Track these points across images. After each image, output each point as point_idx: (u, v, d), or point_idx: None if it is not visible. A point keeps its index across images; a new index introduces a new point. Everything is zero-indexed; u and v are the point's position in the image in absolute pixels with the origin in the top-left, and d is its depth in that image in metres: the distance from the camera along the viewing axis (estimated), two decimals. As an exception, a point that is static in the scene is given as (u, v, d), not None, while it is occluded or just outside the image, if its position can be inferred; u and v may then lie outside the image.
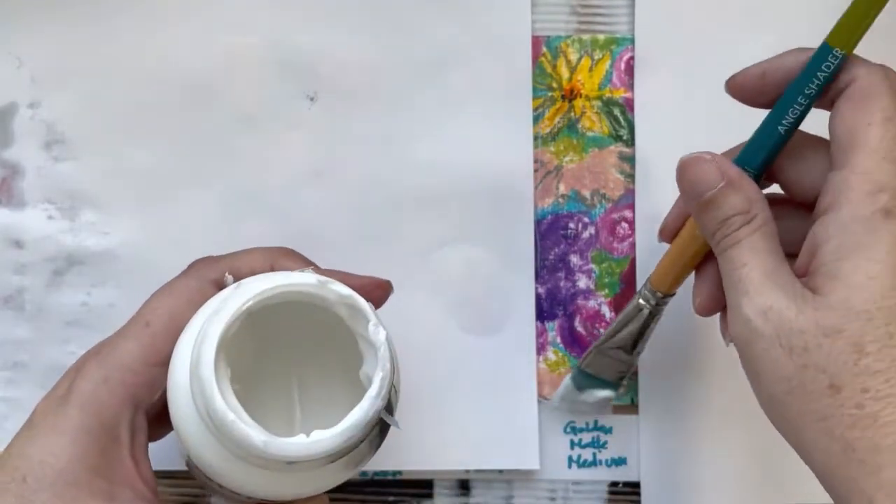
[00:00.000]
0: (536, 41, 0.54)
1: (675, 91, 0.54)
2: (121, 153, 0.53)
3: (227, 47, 0.53)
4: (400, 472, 0.53)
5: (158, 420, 0.44)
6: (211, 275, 0.44)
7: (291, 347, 0.45)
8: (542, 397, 0.53)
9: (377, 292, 0.46)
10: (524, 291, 0.53)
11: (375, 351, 0.39)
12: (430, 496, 0.53)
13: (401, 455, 0.52)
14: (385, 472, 0.53)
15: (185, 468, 0.46)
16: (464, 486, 0.53)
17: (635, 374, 0.53)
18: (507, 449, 0.53)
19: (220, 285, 0.44)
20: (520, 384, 0.53)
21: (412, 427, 0.52)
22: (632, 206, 0.54)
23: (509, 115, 0.53)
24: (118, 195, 0.53)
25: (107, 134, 0.53)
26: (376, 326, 0.39)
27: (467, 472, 0.53)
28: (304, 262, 0.46)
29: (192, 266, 0.46)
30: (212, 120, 0.53)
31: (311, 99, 0.53)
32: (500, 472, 0.53)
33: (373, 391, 0.39)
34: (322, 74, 0.53)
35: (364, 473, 0.53)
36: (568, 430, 0.54)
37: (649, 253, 0.53)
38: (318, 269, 0.44)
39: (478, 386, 0.53)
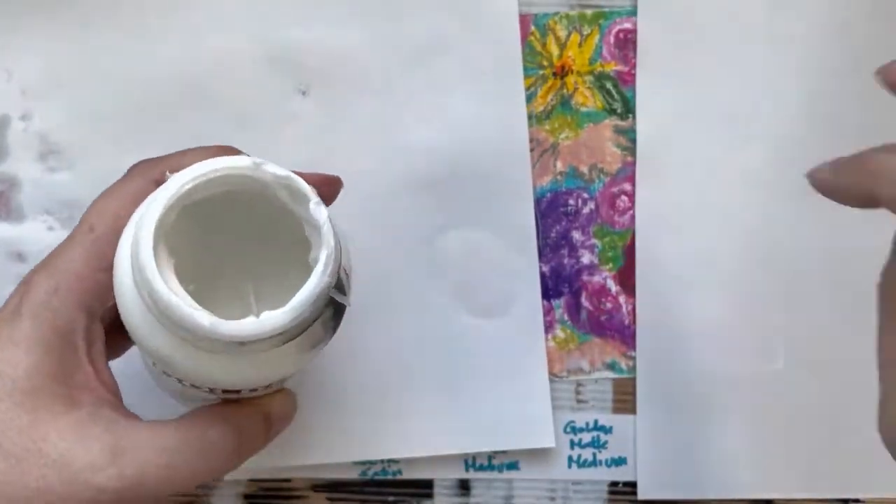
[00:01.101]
0: (524, 20, 0.54)
1: (677, 67, 0.54)
2: (116, 159, 0.52)
3: (216, 47, 0.53)
4: (400, 472, 0.53)
5: (117, 332, 0.43)
6: (152, 174, 0.43)
7: (244, 245, 0.44)
8: (552, 375, 0.53)
9: (326, 188, 0.45)
10: (528, 271, 0.53)
11: (319, 230, 0.38)
12: (430, 496, 0.53)
13: (418, 441, 0.52)
14: (386, 472, 0.53)
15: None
16: (464, 485, 0.53)
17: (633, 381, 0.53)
18: (521, 429, 0.53)
19: (162, 183, 0.42)
20: (530, 364, 0.53)
21: (425, 413, 0.53)
22: (630, 179, 0.54)
23: (502, 95, 0.53)
24: (116, 202, 0.53)
25: (100, 141, 0.53)
26: (317, 205, 0.38)
27: (468, 471, 0.53)
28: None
29: (133, 168, 0.44)
30: (205, 120, 0.53)
31: (303, 93, 0.53)
32: (501, 471, 0.53)
33: (318, 268, 0.38)
34: (312, 67, 0.53)
35: (364, 473, 0.53)
36: (568, 430, 0.54)
37: (650, 227, 0.53)
38: None
39: (488, 368, 0.53)
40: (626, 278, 0.54)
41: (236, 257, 0.44)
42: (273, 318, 0.37)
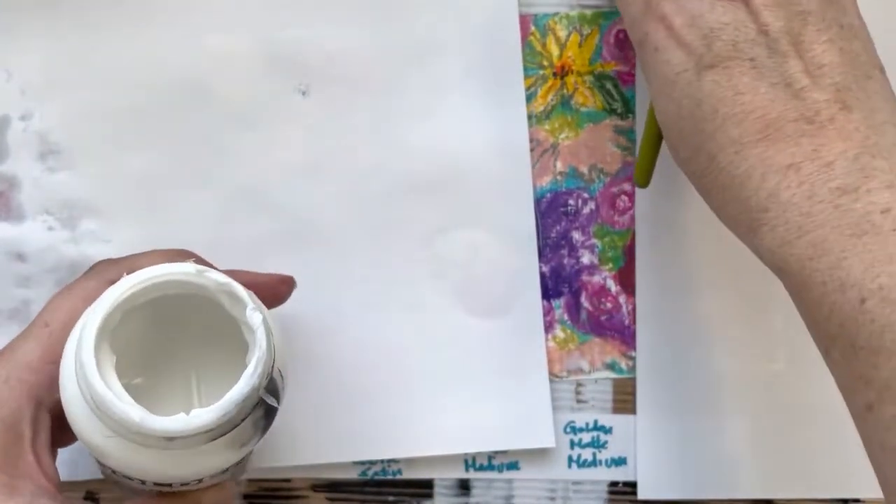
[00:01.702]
0: (524, 20, 0.54)
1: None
2: (116, 159, 0.53)
3: (216, 46, 0.53)
4: (400, 472, 0.53)
5: (66, 422, 0.45)
6: (109, 275, 0.45)
7: (192, 342, 0.46)
8: (552, 375, 0.53)
9: (281, 287, 0.49)
10: (528, 271, 0.53)
11: (253, 334, 0.41)
12: (430, 496, 0.53)
13: (419, 441, 0.52)
14: (386, 472, 0.53)
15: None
16: (464, 485, 0.53)
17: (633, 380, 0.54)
18: (522, 429, 0.53)
19: None
20: (530, 364, 0.53)
21: (425, 413, 0.52)
22: (630, 179, 0.54)
23: (502, 95, 0.53)
24: (116, 202, 0.53)
25: (100, 141, 0.53)
26: (253, 311, 0.41)
27: (468, 471, 0.53)
28: (202, 262, 0.46)
29: (92, 268, 0.47)
30: (205, 120, 0.53)
31: (303, 93, 0.53)
32: (501, 471, 0.53)
33: (249, 370, 0.40)
34: (312, 67, 0.53)
35: (364, 473, 0.53)
36: (568, 430, 0.54)
37: (650, 227, 0.53)
38: (211, 267, 0.45)
39: (488, 368, 0.53)
40: (626, 278, 0.54)
41: (185, 350, 0.46)
42: (201, 417, 0.40)
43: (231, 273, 0.44)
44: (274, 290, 0.49)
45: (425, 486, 0.53)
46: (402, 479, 0.53)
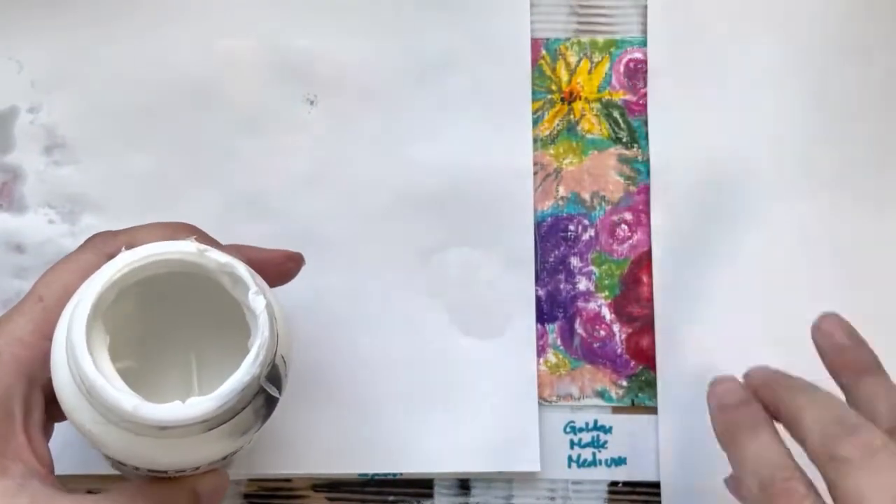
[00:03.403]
0: (535, 44, 0.54)
1: (688, 96, 0.54)
2: (121, 157, 0.53)
3: (227, 50, 0.53)
4: (400, 472, 0.53)
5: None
6: (107, 249, 0.43)
7: (191, 324, 0.44)
8: (542, 399, 0.53)
9: (289, 264, 0.47)
10: (524, 294, 0.53)
11: (255, 319, 0.39)
12: (430, 496, 0.53)
13: (401, 457, 0.52)
14: (385, 473, 0.53)
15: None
16: (464, 485, 0.53)
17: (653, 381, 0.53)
18: (507, 451, 0.53)
19: None
20: (520, 387, 0.53)
21: (413, 430, 0.52)
22: (631, 209, 0.54)
23: (509, 117, 0.53)
24: (118, 199, 0.53)
25: (107, 138, 0.53)
26: (256, 294, 0.39)
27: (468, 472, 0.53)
28: (205, 238, 0.44)
29: (89, 240, 0.45)
30: (212, 123, 0.53)
31: (311, 102, 0.53)
32: (501, 471, 0.53)
33: (250, 357, 0.38)
34: (322, 77, 0.53)
35: (364, 474, 0.53)
36: (568, 429, 0.54)
37: (663, 258, 0.53)
38: (212, 243, 0.43)
39: (478, 389, 0.53)
40: (622, 307, 0.54)
41: (183, 331, 0.44)
42: (197, 406, 0.37)
43: (236, 248, 0.43)
44: (281, 267, 0.46)
45: (425, 486, 0.53)
46: (402, 479, 0.53)
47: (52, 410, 0.43)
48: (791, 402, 0.44)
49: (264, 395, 0.40)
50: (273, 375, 0.40)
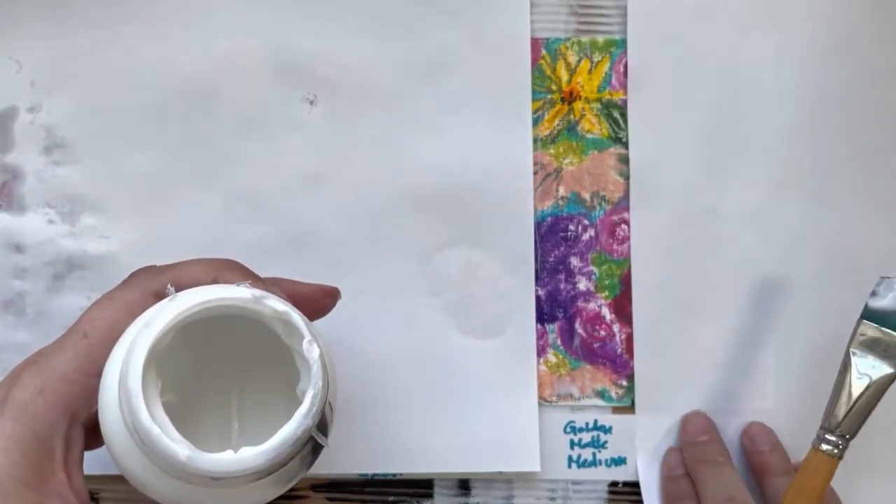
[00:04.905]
0: (536, 43, 0.54)
1: (669, 95, 0.54)
2: (121, 157, 0.53)
3: (227, 51, 0.53)
4: (400, 472, 0.53)
5: (98, 431, 0.43)
6: (152, 286, 0.43)
7: (233, 360, 0.44)
8: (542, 399, 0.53)
9: (325, 300, 0.47)
10: (524, 294, 0.53)
11: (309, 368, 0.39)
12: (430, 496, 0.53)
13: (402, 458, 0.52)
14: (385, 473, 0.53)
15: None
16: (464, 485, 0.53)
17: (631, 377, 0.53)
18: (507, 451, 0.53)
19: (161, 297, 0.42)
20: (520, 387, 0.53)
21: (413, 430, 0.52)
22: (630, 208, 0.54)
23: (509, 117, 0.53)
24: (118, 199, 0.53)
25: (107, 138, 0.53)
26: (310, 343, 0.39)
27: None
28: (247, 275, 0.44)
29: (133, 276, 0.44)
30: (212, 123, 0.53)
31: (311, 102, 0.53)
32: (500, 471, 0.53)
33: (303, 409, 0.38)
34: (322, 78, 0.53)
35: (364, 474, 0.53)
36: (568, 429, 0.54)
37: (645, 258, 0.53)
38: (257, 282, 0.43)
39: (478, 389, 0.53)
40: (622, 307, 0.54)
41: (224, 370, 0.44)
42: (249, 458, 0.38)
43: (274, 281, 0.43)
44: (317, 303, 0.47)
45: (425, 486, 0.53)
46: (402, 479, 0.53)
47: (88, 441, 0.43)
48: (697, 473, 0.52)
49: (312, 443, 0.40)
50: (321, 424, 0.40)
